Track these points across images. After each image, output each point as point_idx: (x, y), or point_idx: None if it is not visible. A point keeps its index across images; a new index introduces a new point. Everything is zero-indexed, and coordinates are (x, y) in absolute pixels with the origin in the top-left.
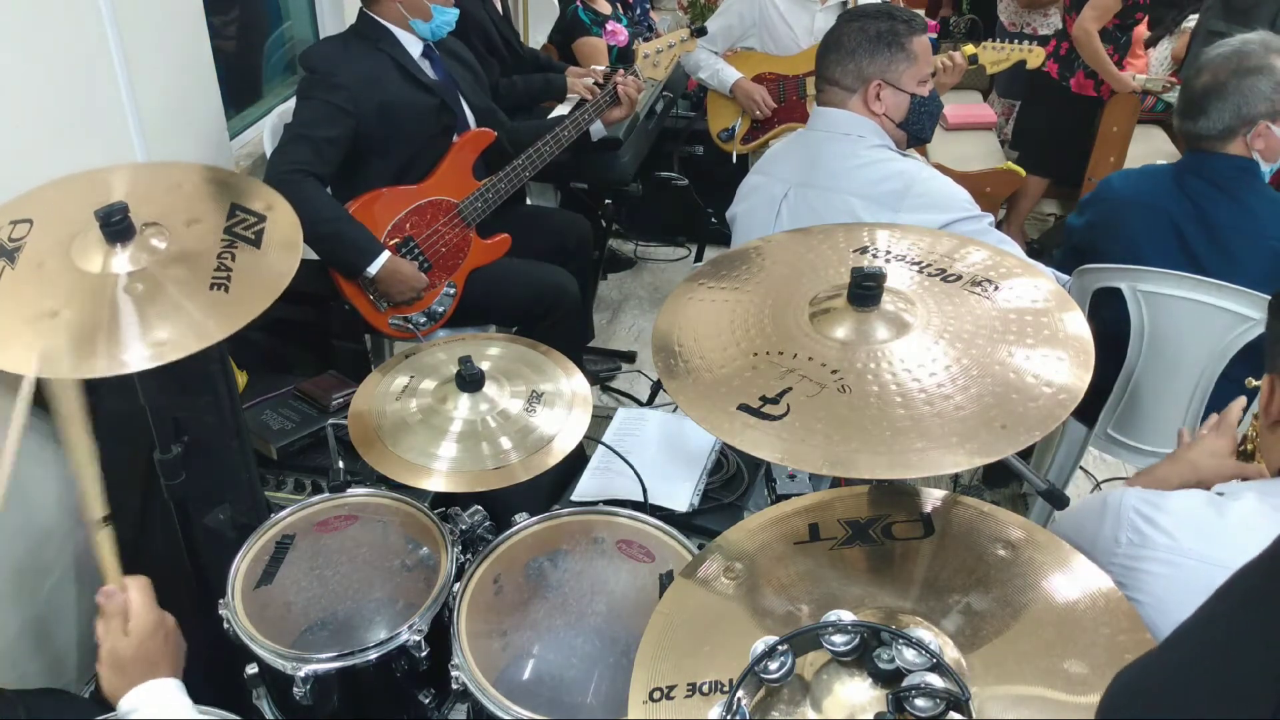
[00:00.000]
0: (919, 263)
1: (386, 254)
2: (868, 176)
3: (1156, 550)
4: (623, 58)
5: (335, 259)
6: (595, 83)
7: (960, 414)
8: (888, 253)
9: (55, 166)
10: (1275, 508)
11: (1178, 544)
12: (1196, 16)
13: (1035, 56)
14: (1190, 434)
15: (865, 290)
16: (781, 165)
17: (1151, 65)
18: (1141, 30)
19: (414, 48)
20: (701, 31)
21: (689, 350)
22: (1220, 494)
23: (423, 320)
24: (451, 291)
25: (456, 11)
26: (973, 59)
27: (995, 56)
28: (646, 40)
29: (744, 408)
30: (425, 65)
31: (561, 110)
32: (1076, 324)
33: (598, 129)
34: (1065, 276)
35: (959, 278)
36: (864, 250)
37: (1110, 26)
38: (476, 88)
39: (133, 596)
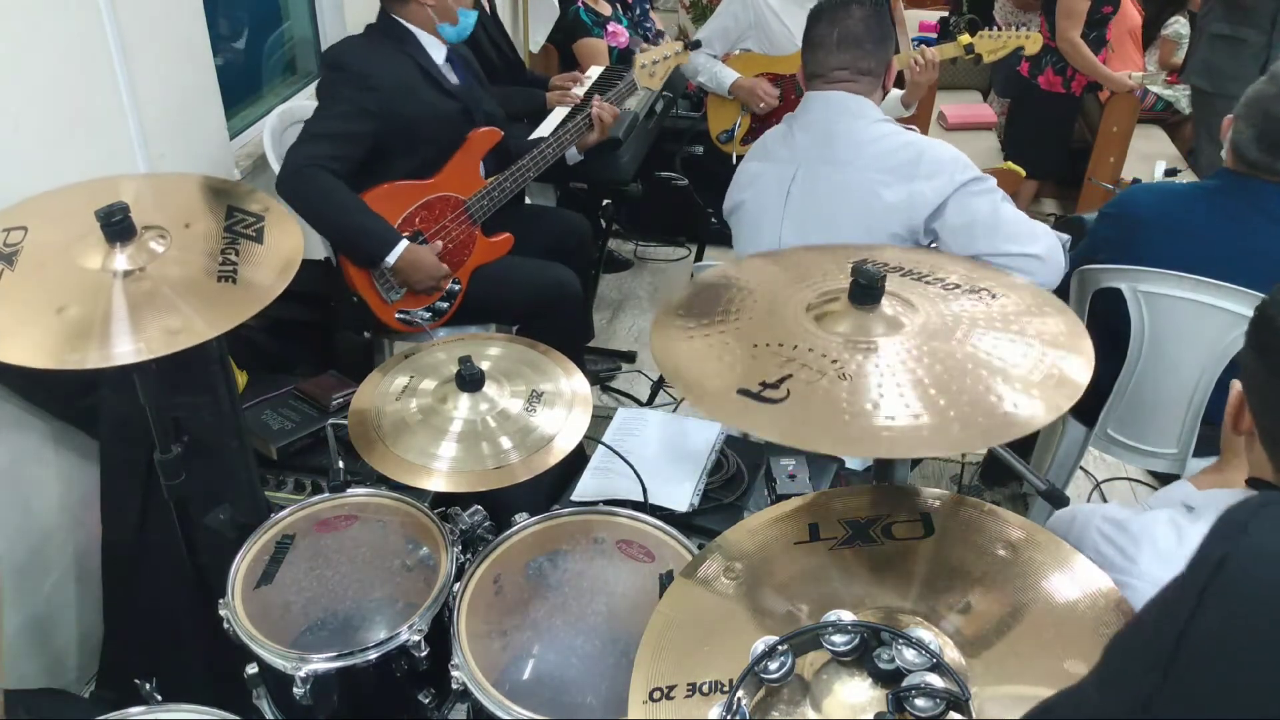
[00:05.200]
0: (920, 275)
1: (405, 243)
2: (881, 149)
3: (1115, 572)
4: (623, 59)
5: (353, 249)
6: (589, 89)
7: (961, 400)
8: (884, 265)
9: (55, 167)
10: None
11: (1135, 566)
12: (1177, 19)
13: (1034, 43)
14: None
15: (866, 290)
16: (784, 148)
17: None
18: (1136, 29)
19: (438, 53)
20: (695, 45)
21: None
22: (1191, 508)
23: (428, 315)
24: (456, 287)
25: (475, 12)
26: (969, 48)
27: (992, 45)
28: (647, 41)
29: (744, 392)
30: (448, 70)
31: (554, 119)
32: (1075, 325)
33: (572, 154)
34: (1064, 235)
35: (957, 286)
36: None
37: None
38: (485, 91)
39: None
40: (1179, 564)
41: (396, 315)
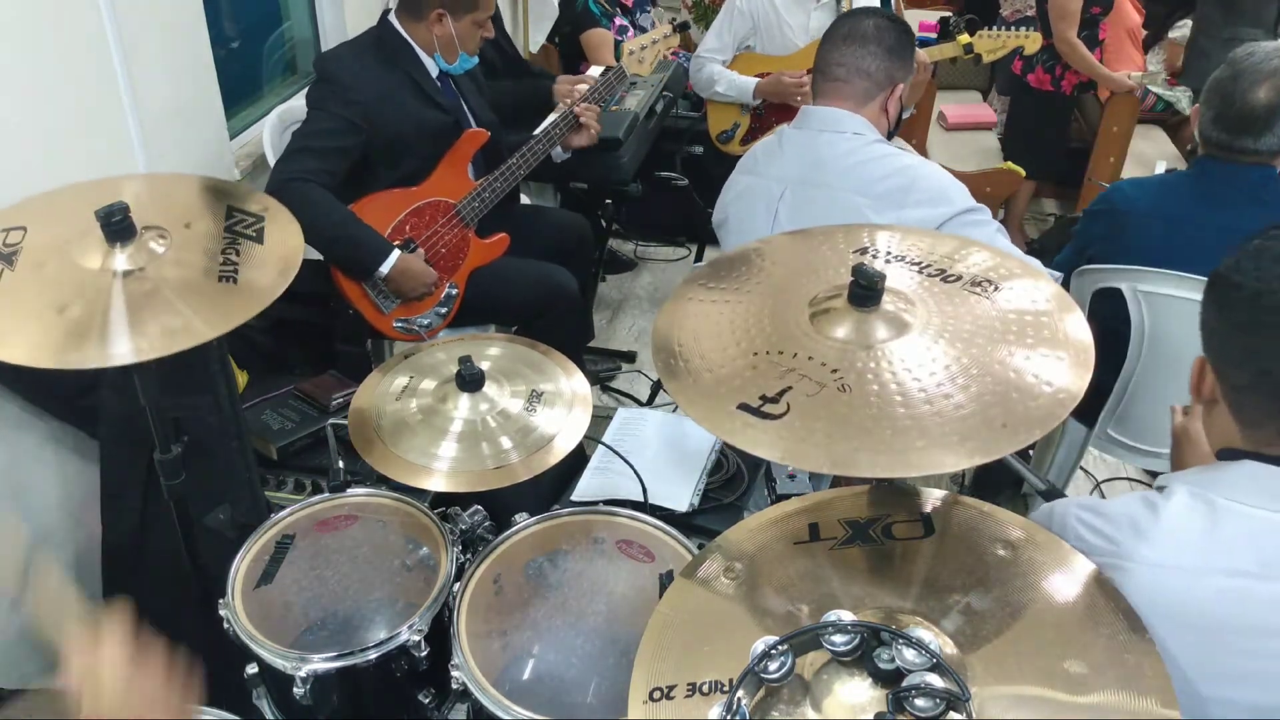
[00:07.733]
0: (919, 263)
1: (397, 253)
2: (871, 174)
3: (1099, 556)
4: None
5: (345, 262)
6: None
7: (960, 413)
8: (888, 253)
9: (55, 166)
10: (1206, 502)
11: (1117, 548)
12: (1187, 23)
13: (1033, 42)
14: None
15: (865, 290)
16: (773, 164)
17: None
18: (1135, 28)
19: (433, 69)
20: (684, 26)
21: (689, 350)
22: (1161, 488)
23: (426, 322)
24: (454, 292)
25: (476, 59)
26: (968, 48)
27: (991, 44)
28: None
29: (744, 407)
30: (440, 83)
31: (551, 119)
32: (1077, 325)
33: (558, 153)
34: (1059, 274)
35: (959, 278)
36: (864, 251)
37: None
38: (480, 98)
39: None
40: (1159, 539)
41: (394, 324)
